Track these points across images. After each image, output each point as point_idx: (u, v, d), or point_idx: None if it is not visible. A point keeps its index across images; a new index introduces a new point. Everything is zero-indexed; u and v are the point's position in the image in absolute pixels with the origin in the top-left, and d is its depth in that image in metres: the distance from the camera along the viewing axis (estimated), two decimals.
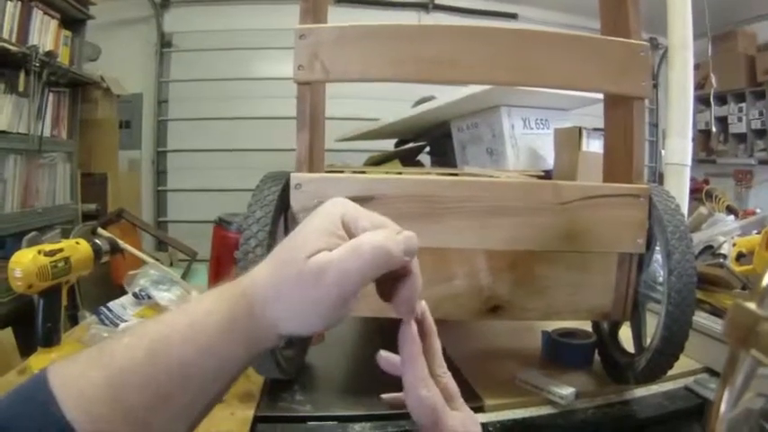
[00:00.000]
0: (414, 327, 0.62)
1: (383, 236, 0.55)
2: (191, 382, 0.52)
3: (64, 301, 1.37)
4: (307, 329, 0.56)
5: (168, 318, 0.55)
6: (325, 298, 0.53)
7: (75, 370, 0.51)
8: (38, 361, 1.26)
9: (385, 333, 1.61)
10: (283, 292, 0.54)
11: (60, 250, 1.35)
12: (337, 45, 1.16)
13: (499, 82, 1.39)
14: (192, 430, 0.55)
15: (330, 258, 0.53)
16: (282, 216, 1.16)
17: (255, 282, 0.56)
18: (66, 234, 1.68)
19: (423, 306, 0.64)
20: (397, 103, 3.34)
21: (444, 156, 2.71)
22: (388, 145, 3.25)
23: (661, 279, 1.20)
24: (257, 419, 1.16)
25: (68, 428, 0.47)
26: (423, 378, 0.61)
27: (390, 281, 0.59)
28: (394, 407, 0.73)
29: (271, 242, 1.08)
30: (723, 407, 0.54)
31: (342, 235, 0.56)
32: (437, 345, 0.66)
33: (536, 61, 1.20)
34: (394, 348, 0.64)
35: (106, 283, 2.56)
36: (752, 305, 0.52)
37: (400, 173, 1.81)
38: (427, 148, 3.02)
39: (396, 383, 0.66)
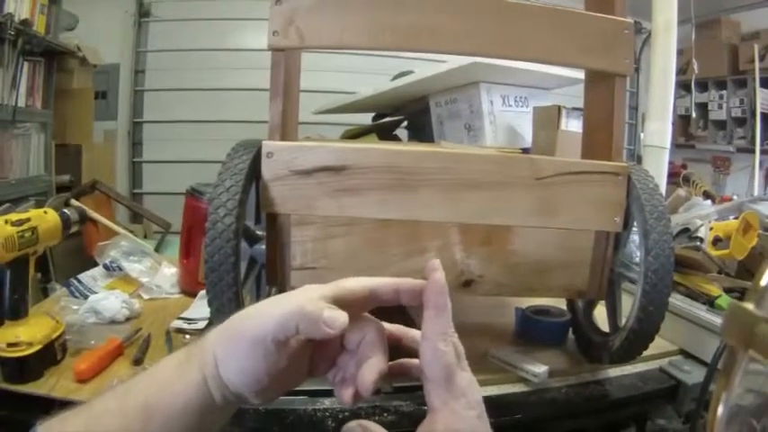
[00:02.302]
0: (443, 278, 0.63)
1: (311, 304, 0.57)
2: (153, 420, 0.55)
3: (32, 272, 1.33)
4: (236, 372, 0.57)
5: (149, 369, 0.61)
6: (239, 338, 0.57)
7: (60, 420, 0.56)
8: (4, 334, 1.23)
9: None
10: (219, 337, 0.59)
11: (27, 220, 1.31)
12: (313, 11, 1.14)
13: (479, 53, 1.37)
14: None
15: (257, 310, 0.59)
16: (254, 185, 1.14)
17: (210, 332, 0.60)
18: (39, 206, 1.65)
19: (437, 264, 0.64)
20: (375, 76, 3.32)
21: (422, 131, 2.71)
22: (366, 119, 3.22)
23: (637, 259, 1.19)
24: None
25: None
26: (443, 332, 0.63)
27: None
28: (394, 374, 0.74)
29: (240, 211, 1.05)
30: (721, 408, 0.54)
31: None
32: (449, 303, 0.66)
33: (518, 33, 1.18)
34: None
35: (80, 255, 2.52)
36: (750, 306, 0.51)
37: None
38: (405, 123, 3.01)
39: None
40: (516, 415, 1.17)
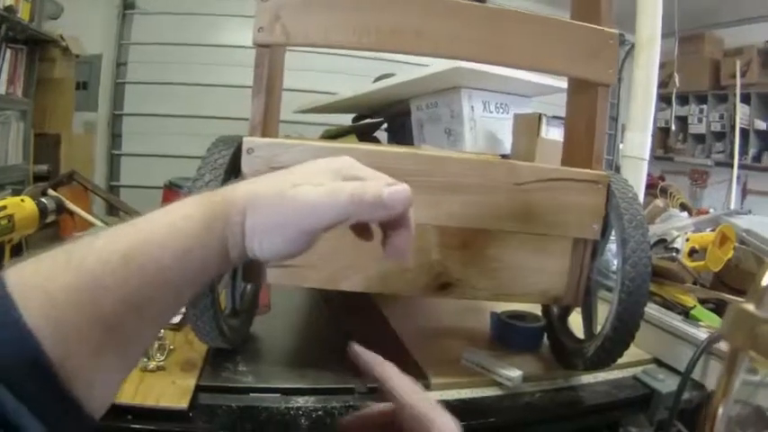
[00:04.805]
0: (385, 366, 0.68)
1: (365, 186, 0.57)
2: (166, 286, 0.52)
3: (7, 261, 1.31)
4: (267, 251, 0.56)
5: (143, 223, 0.54)
6: (291, 224, 0.55)
7: (40, 272, 0.48)
8: None
9: (331, 305, 1.61)
10: (258, 207, 0.55)
11: (4, 208, 1.30)
12: (300, 8, 1.13)
13: (466, 57, 1.37)
14: (155, 337, 0.56)
15: (308, 191, 0.55)
16: (233, 181, 1.13)
17: (237, 191, 0.57)
18: (16, 194, 1.62)
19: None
20: (357, 78, 3.32)
21: (402, 134, 2.71)
22: (346, 120, 3.23)
23: (614, 268, 1.20)
24: (199, 389, 1.13)
25: (28, 336, 0.44)
26: (412, 390, 0.67)
27: (387, 230, 0.62)
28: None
29: None
30: (721, 409, 0.54)
31: (332, 180, 0.58)
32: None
33: (503, 39, 1.18)
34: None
35: (55, 245, 2.50)
36: (750, 307, 0.51)
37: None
38: (385, 125, 3.01)
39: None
40: (490, 419, 1.17)
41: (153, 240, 0.51)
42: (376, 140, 2.99)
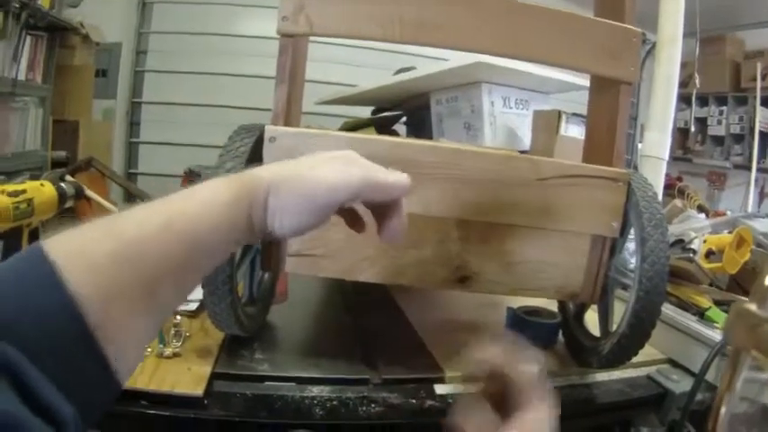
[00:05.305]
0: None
1: (374, 170, 0.67)
2: (198, 256, 0.57)
3: (24, 246, 1.32)
4: (287, 227, 0.63)
5: (176, 198, 0.58)
6: (309, 200, 0.63)
7: (82, 240, 0.50)
8: None
9: (348, 297, 1.61)
10: (281, 187, 0.62)
11: (24, 191, 1.30)
12: None
13: (490, 51, 1.35)
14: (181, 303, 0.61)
15: (326, 172, 0.64)
16: None
17: (261, 174, 0.63)
18: (35, 180, 1.63)
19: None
20: (378, 71, 3.31)
21: (421, 127, 2.70)
22: (365, 112, 3.22)
23: (631, 266, 1.20)
24: (214, 376, 1.14)
25: (70, 301, 0.45)
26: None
27: (382, 216, 0.71)
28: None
29: None
30: (724, 407, 0.54)
31: (342, 165, 0.66)
32: None
33: (527, 34, 1.18)
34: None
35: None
36: (753, 307, 0.51)
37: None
38: (404, 119, 3.01)
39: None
40: None
41: (188, 213, 0.56)
42: (395, 133, 2.99)
